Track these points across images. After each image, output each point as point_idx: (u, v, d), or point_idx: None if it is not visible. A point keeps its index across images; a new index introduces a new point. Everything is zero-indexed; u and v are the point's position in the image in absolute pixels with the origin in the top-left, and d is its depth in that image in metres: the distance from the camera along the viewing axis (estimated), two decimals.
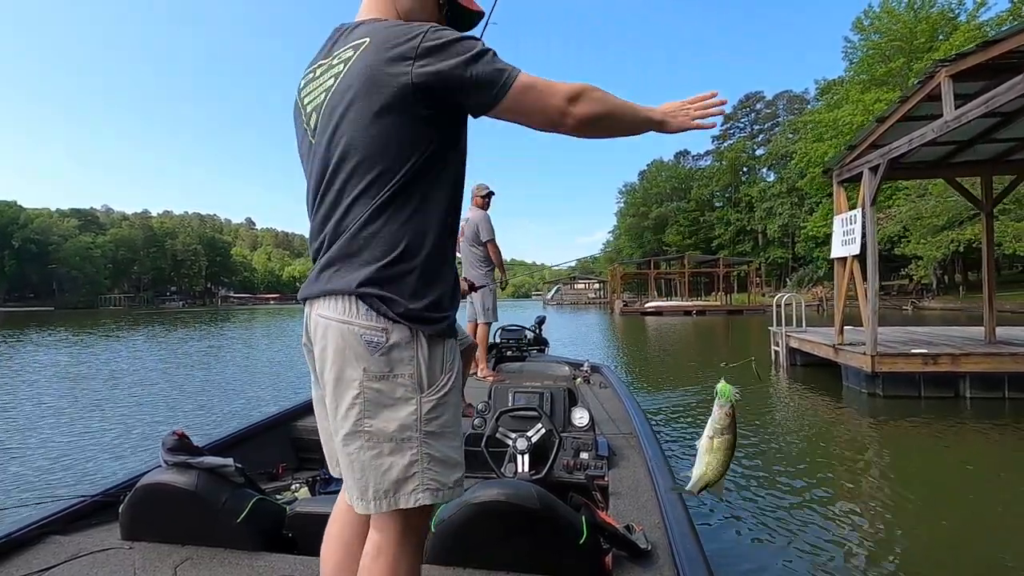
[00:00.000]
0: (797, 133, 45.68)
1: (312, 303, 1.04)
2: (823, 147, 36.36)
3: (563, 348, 12.67)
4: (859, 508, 3.53)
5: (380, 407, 0.97)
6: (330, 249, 1.02)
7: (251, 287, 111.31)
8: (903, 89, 31.31)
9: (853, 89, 36.91)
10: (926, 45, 33.67)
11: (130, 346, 15.86)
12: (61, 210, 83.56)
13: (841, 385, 7.26)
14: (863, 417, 5.85)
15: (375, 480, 0.97)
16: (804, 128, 42.50)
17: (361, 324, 0.97)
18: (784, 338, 9.23)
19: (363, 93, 0.98)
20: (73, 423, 6.13)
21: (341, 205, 1.01)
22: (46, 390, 8.39)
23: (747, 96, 63.06)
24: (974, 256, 35.75)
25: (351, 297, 0.98)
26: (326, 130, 1.03)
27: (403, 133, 0.99)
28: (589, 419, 2.64)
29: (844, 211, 7.26)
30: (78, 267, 75.01)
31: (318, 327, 1.02)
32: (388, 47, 0.97)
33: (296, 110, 1.15)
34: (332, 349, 0.99)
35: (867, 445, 4.94)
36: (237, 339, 18.38)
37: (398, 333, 0.97)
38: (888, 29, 35.49)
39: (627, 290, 54.91)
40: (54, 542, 1.75)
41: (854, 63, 39.06)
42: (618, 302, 39.96)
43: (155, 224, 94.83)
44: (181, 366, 11.17)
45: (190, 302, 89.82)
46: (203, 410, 6.87)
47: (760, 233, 55.72)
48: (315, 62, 1.12)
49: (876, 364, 6.33)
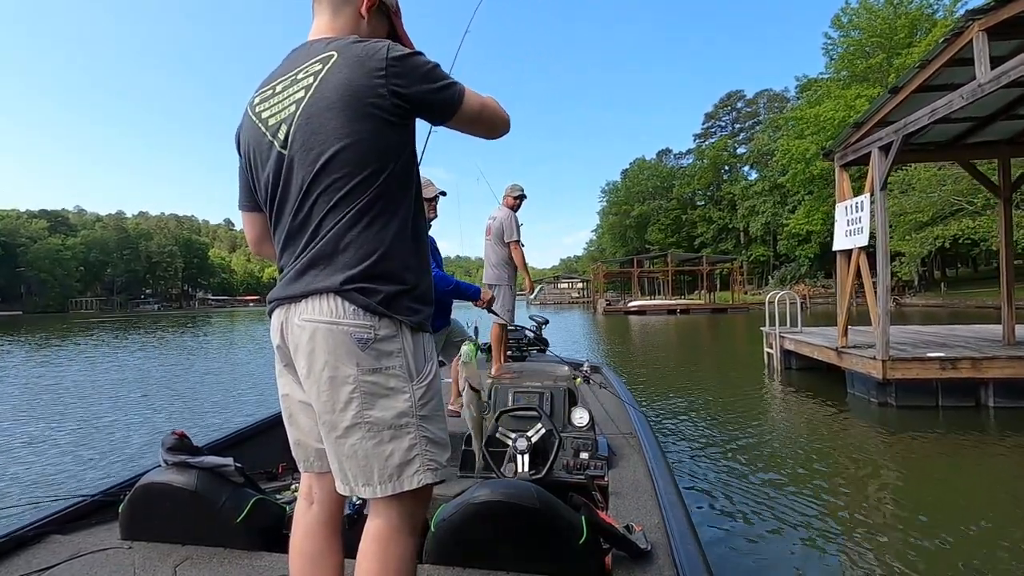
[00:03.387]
0: (779, 130, 45.61)
1: (289, 306, 1.07)
2: (804, 144, 36.34)
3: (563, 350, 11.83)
4: (869, 532, 3.11)
5: (377, 398, 1.02)
6: (309, 252, 1.06)
7: (230, 289, 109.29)
8: (884, 84, 31.08)
9: (834, 85, 36.97)
10: (905, 41, 33.85)
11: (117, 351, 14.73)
12: (30, 211, 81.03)
13: (845, 392, 6.53)
14: (873, 429, 5.21)
15: (379, 466, 1.02)
16: (786, 125, 42.45)
17: (350, 323, 1.02)
18: (778, 339, 8.48)
19: (342, 105, 1.04)
20: (73, 423, 6.14)
21: (321, 210, 1.05)
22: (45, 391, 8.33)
23: (728, 95, 63.77)
24: (952, 252, 36.15)
25: (336, 296, 1.02)
26: (303, 140, 1.06)
27: (380, 143, 1.06)
28: (589, 419, 2.62)
29: (848, 197, 6.49)
30: (47, 270, 73.28)
31: (303, 331, 1.04)
32: (360, 61, 1.05)
33: (250, 126, 1.17)
34: (323, 350, 1.02)
35: (879, 460, 4.36)
36: (211, 343, 17.35)
37: (384, 328, 1.03)
38: (867, 25, 35.65)
39: (610, 289, 54.61)
40: (54, 542, 1.76)
41: (834, 59, 39.23)
42: (601, 301, 39.40)
43: (129, 226, 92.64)
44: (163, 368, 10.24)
45: (166, 305, 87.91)
46: (200, 412, 6.82)
47: (742, 231, 55.97)
48: (272, 80, 1.16)
49: (888, 370, 5.57)
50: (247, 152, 1.18)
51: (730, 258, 45.54)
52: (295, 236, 1.09)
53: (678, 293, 45.99)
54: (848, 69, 37.05)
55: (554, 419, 2.54)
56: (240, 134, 1.20)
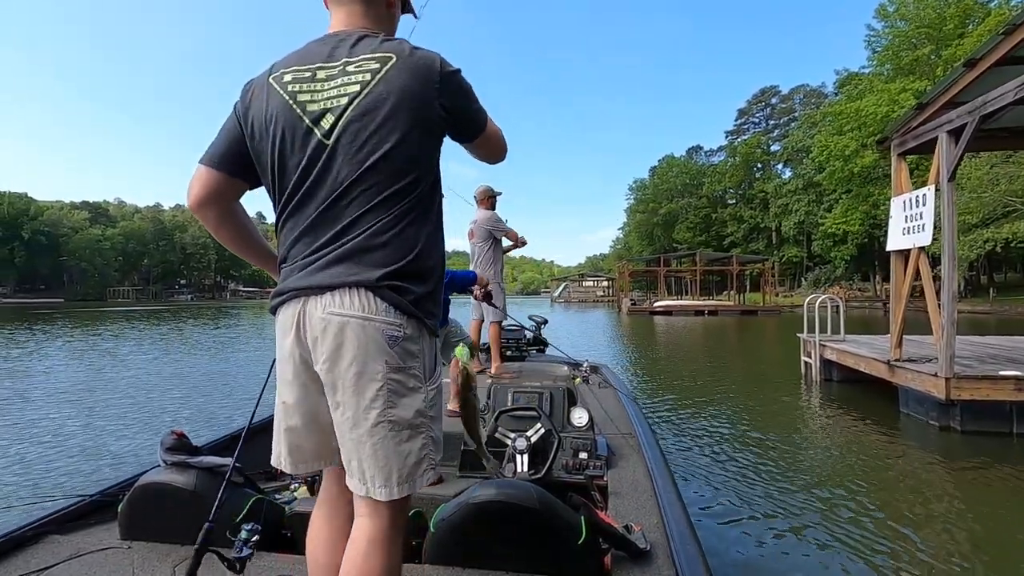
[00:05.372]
0: (815, 126, 43.74)
1: (310, 298, 1.05)
2: (844, 140, 34.82)
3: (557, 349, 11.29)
4: None
5: (400, 396, 1.04)
6: (342, 246, 1.05)
7: (260, 281, 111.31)
8: (931, 78, 29.42)
9: (877, 79, 35.23)
10: (956, 32, 32.13)
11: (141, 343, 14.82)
12: (73, 202, 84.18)
13: (897, 412, 5.79)
14: (931, 456, 4.55)
15: (398, 465, 1.03)
16: (823, 121, 40.62)
17: (382, 320, 1.03)
18: (818, 348, 7.74)
19: (400, 109, 1.06)
20: (72, 423, 5.95)
21: (359, 207, 1.06)
22: (46, 387, 8.15)
23: (762, 90, 61.90)
24: (1001, 255, 33.93)
25: (370, 292, 1.03)
26: (353, 135, 1.06)
27: (429, 151, 1.12)
28: (588, 419, 2.62)
29: (906, 190, 5.73)
30: (88, 259, 75.75)
31: (329, 324, 1.03)
32: (419, 70, 1.08)
33: (280, 104, 1.12)
34: (353, 345, 1.02)
35: (938, 493, 3.81)
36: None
37: (411, 328, 1.06)
38: (915, 15, 33.96)
39: (636, 288, 53.56)
40: (53, 542, 1.75)
41: (877, 52, 37.48)
42: (626, 300, 38.46)
43: (166, 218, 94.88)
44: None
45: (199, 295, 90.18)
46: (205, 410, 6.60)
47: (774, 231, 54.29)
48: (306, 62, 1.14)
49: (952, 389, 4.84)
50: (273, 129, 1.12)
51: (761, 258, 43.92)
52: (319, 227, 1.07)
53: (706, 294, 44.68)
54: (892, 62, 35.37)
55: (553, 419, 2.53)
56: (259, 105, 1.13)
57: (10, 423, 5.90)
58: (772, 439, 5.12)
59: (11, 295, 69.34)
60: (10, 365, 10.49)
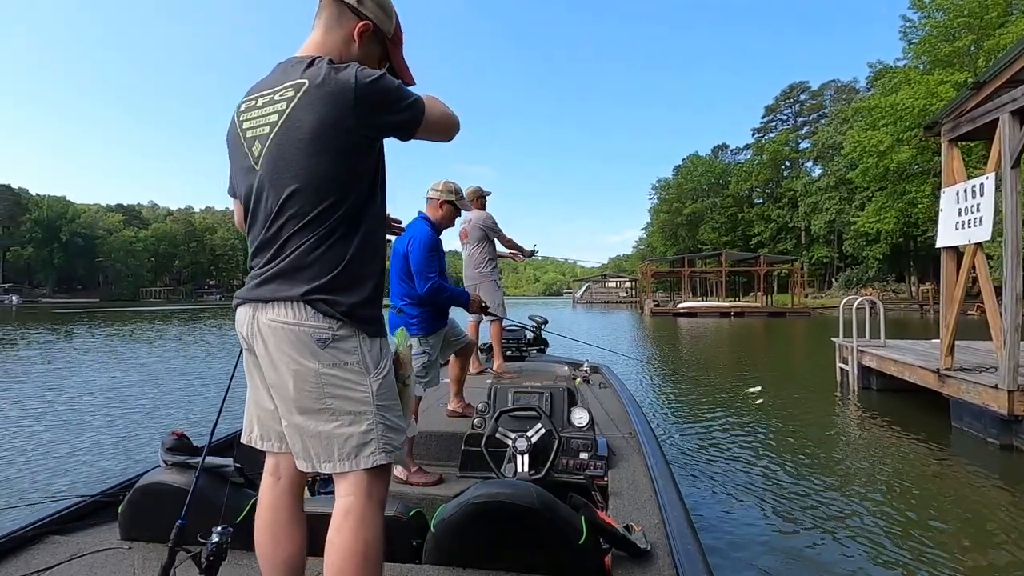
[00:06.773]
0: (847, 122, 42.15)
1: (257, 306, 1.16)
2: (878, 135, 33.40)
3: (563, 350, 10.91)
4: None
5: (336, 388, 1.12)
6: (277, 265, 1.14)
7: None
8: (972, 69, 28.05)
9: (913, 72, 33.71)
10: (997, 21, 30.52)
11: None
12: (108, 205, 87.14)
13: (948, 426, 5.22)
14: (988, 478, 4.05)
15: (339, 445, 1.12)
16: (856, 116, 39.09)
17: (311, 325, 1.11)
18: (855, 353, 7.17)
19: (310, 138, 1.09)
20: (73, 422, 5.94)
21: (289, 230, 1.13)
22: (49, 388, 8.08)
23: (790, 87, 60.20)
24: None
25: (299, 303, 1.11)
26: (273, 166, 1.13)
27: (345, 173, 1.13)
28: (589, 419, 2.62)
29: (959, 180, 5.16)
30: (122, 260, 78.55)
31: (271, 329, 1.14)
32: (330, 96, 1.09)
33: (234, 130, 1.23)
34: (288, 347, 1.12)
35: (1000, 522, 3.32)
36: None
37: (343, 330, 1.13)
38: (954, 5, 32.26)
39: (660, 289, 52.52)
40: (53, 542, 1.76)
41: (913, 44, 35.82)
42: (648, 302, 37.70)
43: (196, 220, 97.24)
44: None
45: (227, 296, 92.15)
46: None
47: (803, 230, 52.67)
48: (256, 91, 1.22)
49: (1017, 403, 4.29)
50: (231, 154, 1.25)
51: (790, 258, 42.55)
52: (265, 247, 1.17)
53: (732, 295, 43.50)
54: (929, 54, 33.75)
55: (554, 419, 2.53)
56: (229, 131, 1.25)
57: (10, 424, 5.79)
58: (803, 447, 4.88)
59: (50, 295, 71.89)
60: (43, 367, 10.52)
